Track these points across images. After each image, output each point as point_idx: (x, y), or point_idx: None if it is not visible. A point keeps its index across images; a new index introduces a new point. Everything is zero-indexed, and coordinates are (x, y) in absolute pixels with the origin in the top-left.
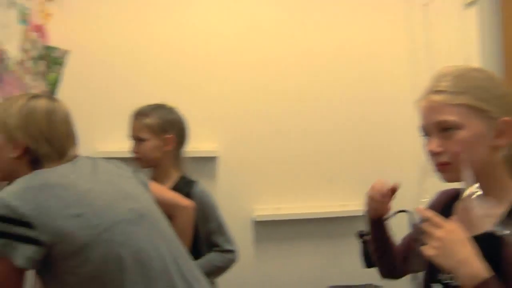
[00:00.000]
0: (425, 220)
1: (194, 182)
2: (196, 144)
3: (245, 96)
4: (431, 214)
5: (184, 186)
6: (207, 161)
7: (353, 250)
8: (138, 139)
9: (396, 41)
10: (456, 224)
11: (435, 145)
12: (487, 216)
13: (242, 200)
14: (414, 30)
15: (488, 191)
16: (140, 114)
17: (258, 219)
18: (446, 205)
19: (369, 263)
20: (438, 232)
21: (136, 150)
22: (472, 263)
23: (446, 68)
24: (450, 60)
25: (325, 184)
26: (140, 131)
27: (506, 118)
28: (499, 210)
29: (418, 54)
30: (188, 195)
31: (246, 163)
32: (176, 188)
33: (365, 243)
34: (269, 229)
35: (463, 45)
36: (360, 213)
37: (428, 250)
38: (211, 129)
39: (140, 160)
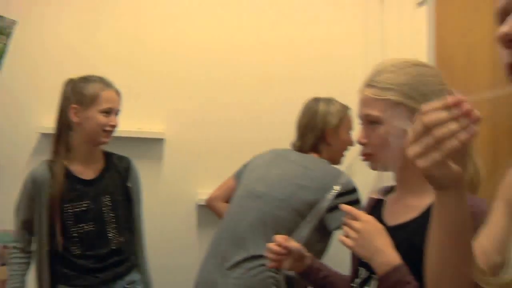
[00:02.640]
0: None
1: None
2: (144, 126)
3: (195, 80)
4: (349, 207)
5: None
6: (154, 143)
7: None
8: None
9: (352, 37)
10: (371, 216)
11: (361, 136)
12: (413, 207)
13: (187, 184)
14: (370, 27)
15: (414, 183)
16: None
17: (201, 203)
18: (378, 199)
19: None
20: (356, 224)
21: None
22: (385, 252)
23: (385, 61)
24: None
25: None
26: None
27: None
28: (425, 202)
29: (373, 50)
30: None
31: (192, 147)
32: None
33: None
34: (213, 213)
35: (414, 43)
36: None
37: (347, 241)
38: (159, 110)
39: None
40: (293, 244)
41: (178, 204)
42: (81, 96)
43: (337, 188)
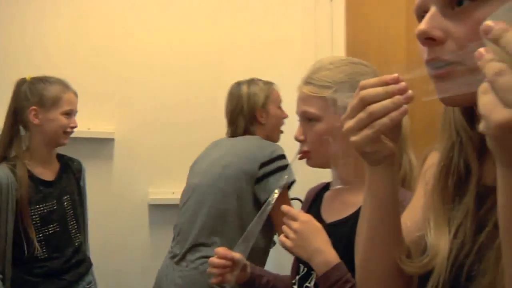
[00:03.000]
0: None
1: None
2: (93, 126)
3: (144, 80)
4: (287, 208)
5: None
6: (104, 143)
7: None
8: None
9: (303, 36)
10: (309, 216)
11: (299, 133)
12: (350, 203)
13: (138, 184)
14: (320, 25)
15: (351, 180)
16: None
17: (153, 203)
18: (316, 196)
19: None
20: (294, 224)
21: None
22: (324, 251)
23: (323, 59)
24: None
25: None
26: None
27: None
28: (362, 198)
29: (324, 49)
30: None
31: (143, 147)
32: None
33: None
34: (164, 213)
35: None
36: None
37: (287, 242)
38: (109, 110)
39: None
40: (236, 254)
41: (130, 204)
42: (42, 98)
43: (278, 192)
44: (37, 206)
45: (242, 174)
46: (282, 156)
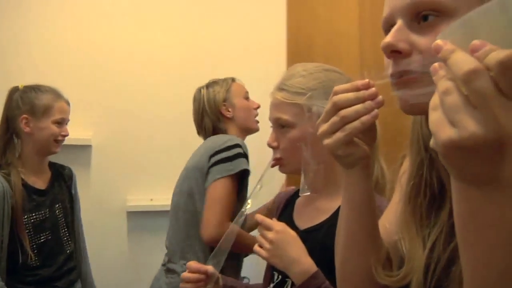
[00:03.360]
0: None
1: None
2: (70, 132)
3: (122, 86)
4: (261, 217)
5: None
6: (81, 150)
7: None
8: None
9: (276, 35)
10: (284, 225)
11: (271, 139)
12: (323, 209)
13: (116, 191)
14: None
15: (324, 186)
16: None
17: (131, 210)
18: (287, 203)
19: None
20: (269, 234)
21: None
22: (301, 261)
23: (297, 65)
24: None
25: None
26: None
27: None
28: (335, 204)
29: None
30: None
31: (120, 153)
32: None
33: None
34: (143, 220)
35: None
36: None
37: (262, 252)
38: (86, 117)
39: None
40: (208, 267)
41: (107, 211)
42: (33, 107)
43: (250, 202)
44: (30, 215)
45: (196, 171)
46: (234, 146)
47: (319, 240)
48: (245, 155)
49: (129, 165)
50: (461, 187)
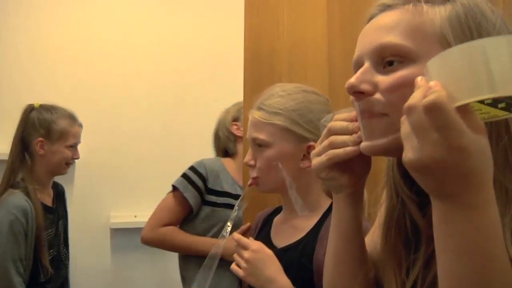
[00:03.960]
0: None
1: None
2: None
3: (105, 101)
4: (238, 236)
5: None
6: None
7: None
8: None
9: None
10: (260, 244)
11: (249, 157)
12: (300, 228)
13: (99, 207)
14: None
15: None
16: None
17: (115, 227)
18: (265, 221)
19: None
20: (245, 254)
21: None
22: (277, 280)
23: (276, 86)
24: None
25: None
26: None
27: (311, 143)
28: (311, 222)
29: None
30: None
31: (104, 169)
32: None
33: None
34: (127, 237)
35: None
36: None
37: (239, 271)
38: None
39: None
40: None
41: (91, 228)
42: (50, 131)
43: (230, 224)
44: (45, 232)
45: None
46: (190, 167)
47: (295, 259)
48: (188, 178)
49: (113, 181)
50: (432, 199)
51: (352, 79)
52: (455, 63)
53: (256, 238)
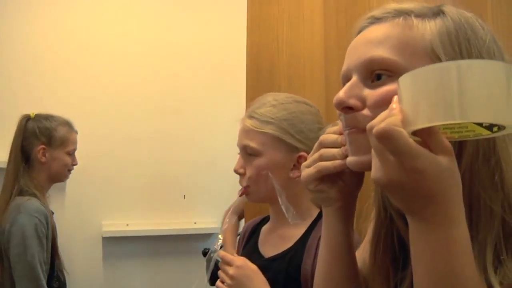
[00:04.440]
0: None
1: None
2: None
3: (97, 109)
4: (222, 253)
5: None
6: None
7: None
8: None
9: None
10: (244, 259)
11: (238, 165)
12: (288, 237)
13: (91, 215)
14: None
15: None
16: None
17: (107, 235)
18: (253, 230)
19: (214, 282)
20: (230, 270)
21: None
22: None
23: (268, 95)
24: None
25: (180, 200)
26: None
27: (302, 153)
28: (299, 231)
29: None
30: None
31: (96, 177)
32: None
33: (210, 261)
34: (119, 246)
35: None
36: (212, 231)
37: None
38: None
39: None
40: None
41: (82, 236)
42: (51, 138)
43: (221, 237)
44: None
45: None
46: None
47: (282, 269)
48: None
49: (105, 190)
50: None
51: (341, 94)
52: (424, 83)
53: (244, 247)
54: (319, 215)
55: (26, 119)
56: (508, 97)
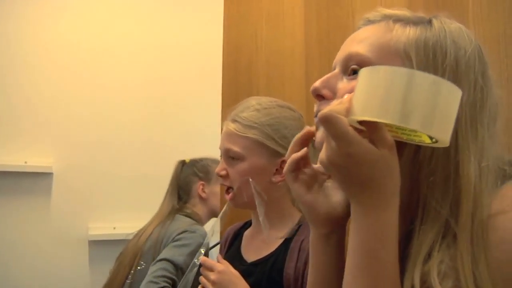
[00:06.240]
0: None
1: None
2: (30, 159)
3: (83, 111)
4: (204, 258)
5: None
6: (41, 177)
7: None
8: None
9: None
10: (226, 264)
11: (220, 168)
12: (270, 241)
13: (77, 219)
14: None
15: (272, 219)
16: None
17: (93, 239)
18: (235, 235)
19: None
20: (212, 276)
21: None
22: None
23: (252, 98)
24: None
25: None
26: None
27: (284, 159)
28: (281, 235)
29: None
30: None
31: (82, 181)
32: None
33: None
34: (105, 249)
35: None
36: None
37: None
38: (46, 143)
39: None
40: None
41: (69, 240)
42: (208, 174)
43: (203, 251)
44: None
45: None
46: None
47: (265, 273)
48: None
49: (91, 192)
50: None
51: (317, 83)
52: (378, 80)
53: (227, 252)
54: (301, 219)
55: (182, 163)
56: (442, 114)
